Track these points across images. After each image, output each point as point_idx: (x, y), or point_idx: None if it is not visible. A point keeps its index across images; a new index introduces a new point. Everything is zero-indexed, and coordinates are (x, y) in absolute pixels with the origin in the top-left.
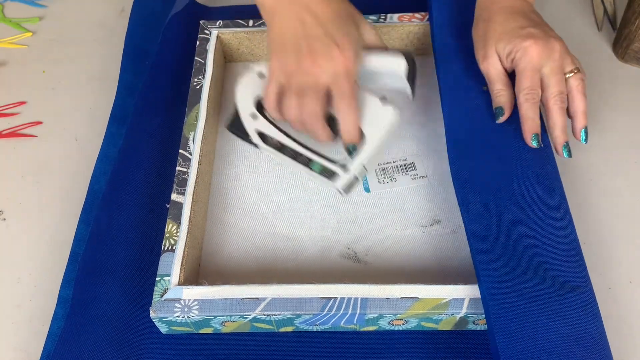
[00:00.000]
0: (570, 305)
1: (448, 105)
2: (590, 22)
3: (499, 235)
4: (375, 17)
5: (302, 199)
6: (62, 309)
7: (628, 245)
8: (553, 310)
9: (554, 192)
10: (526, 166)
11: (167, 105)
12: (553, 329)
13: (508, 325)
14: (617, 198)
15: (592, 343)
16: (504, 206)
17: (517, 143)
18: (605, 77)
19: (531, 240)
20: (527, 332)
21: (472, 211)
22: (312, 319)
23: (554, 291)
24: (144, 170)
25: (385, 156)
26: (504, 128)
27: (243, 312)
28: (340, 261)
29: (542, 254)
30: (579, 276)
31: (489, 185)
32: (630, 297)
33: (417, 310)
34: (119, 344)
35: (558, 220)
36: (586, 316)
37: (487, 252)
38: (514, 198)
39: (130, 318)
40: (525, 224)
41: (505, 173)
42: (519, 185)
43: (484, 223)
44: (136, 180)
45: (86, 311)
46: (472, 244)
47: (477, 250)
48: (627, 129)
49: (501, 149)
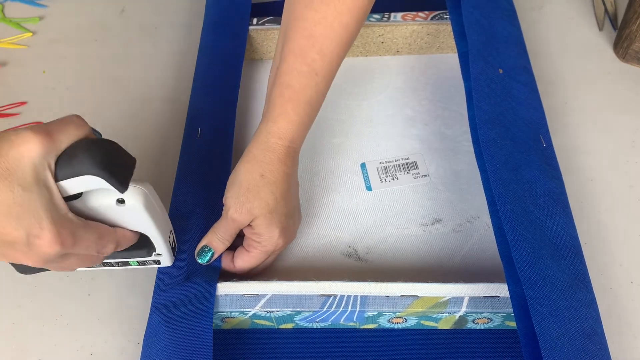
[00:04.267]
0: (580, 301)
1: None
2: (591, 22)
3: (527, 226)
4: (379, 16)
5: (303, 197)
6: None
7: (628, 245)
8: (576, 300)
9: (559, 191)
10: (536, 165)
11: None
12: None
13: (548, 325)
14: (617, 198)
15: (598, 340)
16: (530, 200)
17: (521, 146)
18: (605, 77)
19: (553, 232)
20: (564, 328)
21: (507, 203)
22: (312, 316)
23: (571, 283)
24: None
25: (387, 155)
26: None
27: (243, 308)
28: (340, 259)
29: (562, 245)
30: (580, 275)
31: (521, 179)
32: (631, 297)
33: (416, 308)
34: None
35: (563, 219)
36: (591, 314)
37: (527, 249)
38: (540, 193)
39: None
40: (552, 219)
41: (526, 168)
42: (540, 182)
43: (521, 222)
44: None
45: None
46: (512, 243)
47: (517, 249)
48: (627, 129)
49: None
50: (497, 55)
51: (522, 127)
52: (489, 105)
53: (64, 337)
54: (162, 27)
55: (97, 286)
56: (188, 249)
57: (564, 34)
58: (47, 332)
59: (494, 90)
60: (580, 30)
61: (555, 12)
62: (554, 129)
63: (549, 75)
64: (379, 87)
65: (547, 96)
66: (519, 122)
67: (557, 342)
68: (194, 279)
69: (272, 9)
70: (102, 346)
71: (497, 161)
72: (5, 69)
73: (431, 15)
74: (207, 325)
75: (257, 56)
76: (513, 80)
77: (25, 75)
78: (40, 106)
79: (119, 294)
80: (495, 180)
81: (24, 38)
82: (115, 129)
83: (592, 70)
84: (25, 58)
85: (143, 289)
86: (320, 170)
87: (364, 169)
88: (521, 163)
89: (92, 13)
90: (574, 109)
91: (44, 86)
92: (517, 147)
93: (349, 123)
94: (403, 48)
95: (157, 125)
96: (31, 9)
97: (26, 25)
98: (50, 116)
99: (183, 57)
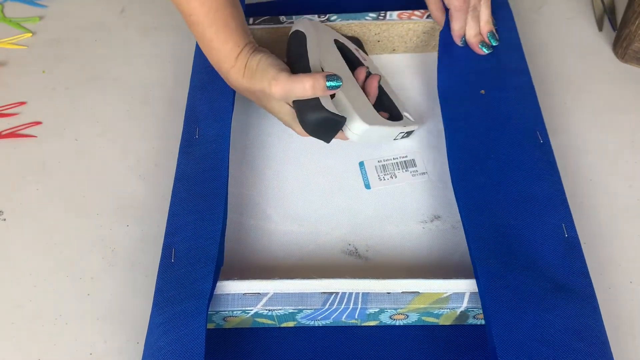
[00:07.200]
0: (568, 299)
1: (447, 109)
2: (591, 22)
3: (496, 233)
4: (374, 15)
5: (303, 196)
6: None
7: (628, 245)
8: (550, 304)
9: (553, 190)
10: (524, 165)
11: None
12: (549, 322)
13: (504, 319)
14: (617, 198)
15: (591, 336)
16: (501, 205)
17: (515, 143)
18: (605, 77)
19: (528, 238)
20: (523, 325)
21: (470, 210)
22: (314, 313)
23: (550, 287)
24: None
25: (385, 153)
26: (500, 129)
27: (245, 307)
28: (341, 257)
29: (539, 251)
30: (576, 272)
31: (486, 184)
32: (631, 296)
33: (418, 305)
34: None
35: (556, 218)
36: (584, 310)
37: (485, 251)
38: (512, 197)
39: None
40: (522, 222)
41: (503, 172)
42: (517, 184)
43: (481, 222)
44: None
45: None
46: (470, 243)
47: (475, 248)
48: (627, 129)
49: (499, 149)
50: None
51: (506, 143)
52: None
53: (63, 337)
54: (161, 27)
55: (97, 286)
56: (188, 249)
57: (563, 35)
58: (46, 331)
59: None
60: (579, 30)
61: (554, 12)
62: (553, 129)
63: (548, 76)
64: None
65: (546, 96)
66: (503, 137)
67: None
68: (194, 278)
69: (267, 9)
70: (101, 346)
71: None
72: (5, 69)
73: (427, 13)
74: (200, 325)
75: None
76: (501, 90)
77: (25, 75)
78: (40, 106)
79: (119, 294)
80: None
81: (23, 38)
82: (115, 129)
83: (591, 71)
84: (25, 58)
85: (143, 289)
86: (318, 169)
87: (363, 168)
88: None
89: (92, 13)
90: (573, 109)
91: (43, 86)
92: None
93: None
94: (399, 46)
95: (156, 125)
96: (31, 9)
97: (26, 25)
98: (50, 116)
99: (182, 57)
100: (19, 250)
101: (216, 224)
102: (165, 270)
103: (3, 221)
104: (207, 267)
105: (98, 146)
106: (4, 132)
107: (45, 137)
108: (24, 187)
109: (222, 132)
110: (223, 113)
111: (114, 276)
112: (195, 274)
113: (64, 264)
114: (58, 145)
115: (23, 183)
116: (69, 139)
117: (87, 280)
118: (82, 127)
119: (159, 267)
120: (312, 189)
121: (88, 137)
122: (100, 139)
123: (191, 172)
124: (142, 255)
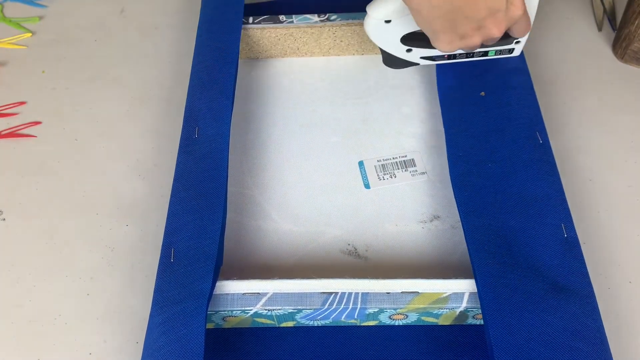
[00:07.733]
0: (567, 300)
1: (446, 110)
2: (590, 22)
3: (495, 235)
4: None
5: (303, 195)
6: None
7: (628, 245)
8: (548, 305)
9: (553, 190)
10: (524, 166)
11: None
12: (548, 322)
13: (502, 320)
14: (617, 198)
15: (590, 336)
16: (500, 206)
17: (515, 144)
18: (605, 77)
19: (527, 238)
20: (521, 326)
21: (470, 212)
22: (313, 313)
23: (549, 287)
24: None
25: (384, 153)
26: (500, 129)
27: (244, 307)
28: (340, 257)
29: (538, 252)
30: (575, 272)
31: (485, 186)
32: (630, 297)
33: (417, 305)
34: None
35: (556, 218)
36: (583, 310)
37: (483, 252)
38: (511, 198)
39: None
40: (522, 222)
41: (502, 173)
42: (517, 185)
43: (481, 224)
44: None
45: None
46: (469, 243)
47: (474, 248)
48: (627, 129)
49: (498, 150)
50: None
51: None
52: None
53: (62, 337)
54: (161, 27)
55: (96, 286)
56: (187, 248)
57: (563, 35)
58: (46, 331)
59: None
60: (579, 30)
61: (554, 12)
62: (553, 129)
63: (548, 76)
64: (375, 86)
65: (546, 96)
66: (506, 137)
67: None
68: (193, 278)
69: (266, 9)
70: (101, 346)
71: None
72: (5, 69)
73: None
74: (199, 324)
75: (253, 55)
76: (501, 90)
77: (24, 75)
78: (40, 106)
79: (118, 294)
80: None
81: (23, 38)
82: (114, 129)
83: (591, 71)
84: (25, 58)
85: (142, 288)
86: (318, 169)
87: (362, 167)
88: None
89: (92, 13)
90: (572, 109)
91: (43, 86)
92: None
93: (345, 122)
94: None
95: (156, 124)
96: (31, 9)
97: (26, 25)
98: (50, 116)
99: (182, 57)
100: (18, 250)
101: (216, 223)
102: (165, 270)
103: (2, 221)
104: (207, 267)
105: (97, 146)
106: (3, 132)
107: (45, 137)
108: (24, 187)
109: (221, 132)
110: (222, 112)
111: (113, 276)
112: (195, 274)
113: (64, 264)
114: (58, 145)
115: (23, 183)
116: (69, 138)
117: (87, 280)
118: (82, 127)
119: (159, 266)
120: (312, 188)
121: (88, 136)
122: (100, 138)
123: (191, 172)
124: (142, 254)
